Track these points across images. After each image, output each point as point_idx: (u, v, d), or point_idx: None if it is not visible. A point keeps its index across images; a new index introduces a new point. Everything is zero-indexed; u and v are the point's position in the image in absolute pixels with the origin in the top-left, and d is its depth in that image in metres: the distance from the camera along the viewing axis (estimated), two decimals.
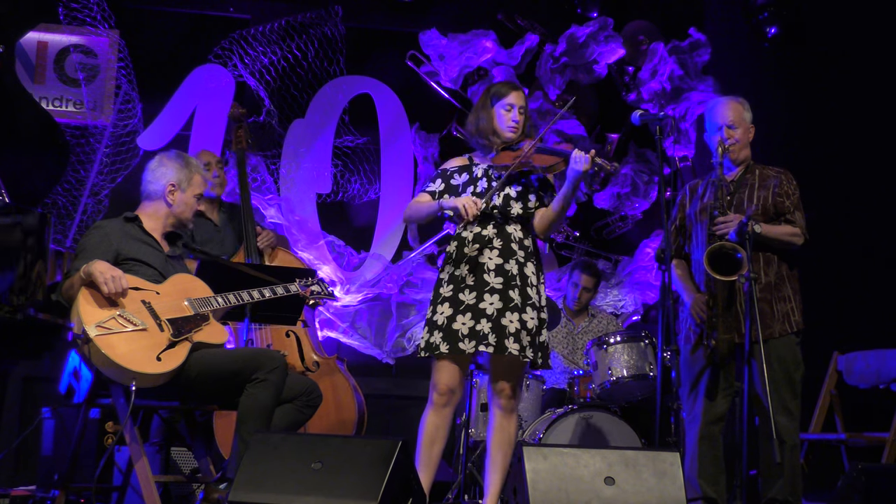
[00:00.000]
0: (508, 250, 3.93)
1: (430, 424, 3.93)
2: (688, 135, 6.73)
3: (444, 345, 3.86)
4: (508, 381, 3.93)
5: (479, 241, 3.94)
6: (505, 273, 3.90)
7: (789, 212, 4.30)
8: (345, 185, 6.53)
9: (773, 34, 6.68)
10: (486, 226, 3.96)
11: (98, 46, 6.32)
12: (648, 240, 6.71)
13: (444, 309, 3.90)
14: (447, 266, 3.99)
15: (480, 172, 4.03)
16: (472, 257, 3.92)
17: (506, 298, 3.87)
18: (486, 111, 4.03)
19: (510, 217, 3.97)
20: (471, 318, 3.86)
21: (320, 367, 5.06)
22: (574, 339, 5.95)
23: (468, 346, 3.84)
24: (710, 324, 4.21)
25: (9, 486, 5.04)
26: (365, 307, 6.38)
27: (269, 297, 4.06)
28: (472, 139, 4.10)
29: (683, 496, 3.48)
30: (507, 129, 4.01)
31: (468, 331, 3.85)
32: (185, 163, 4.08)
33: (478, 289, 3.89)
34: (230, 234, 5.29)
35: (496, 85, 4.13)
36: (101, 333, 3.58)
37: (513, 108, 4.01)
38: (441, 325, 3.88)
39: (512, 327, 3.84)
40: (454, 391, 3.92)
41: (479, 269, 3.90)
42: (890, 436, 5.28)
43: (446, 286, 3.94)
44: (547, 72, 6.71)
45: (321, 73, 6.49)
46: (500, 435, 3.95)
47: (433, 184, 4.08)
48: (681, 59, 6.72)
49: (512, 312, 3.86)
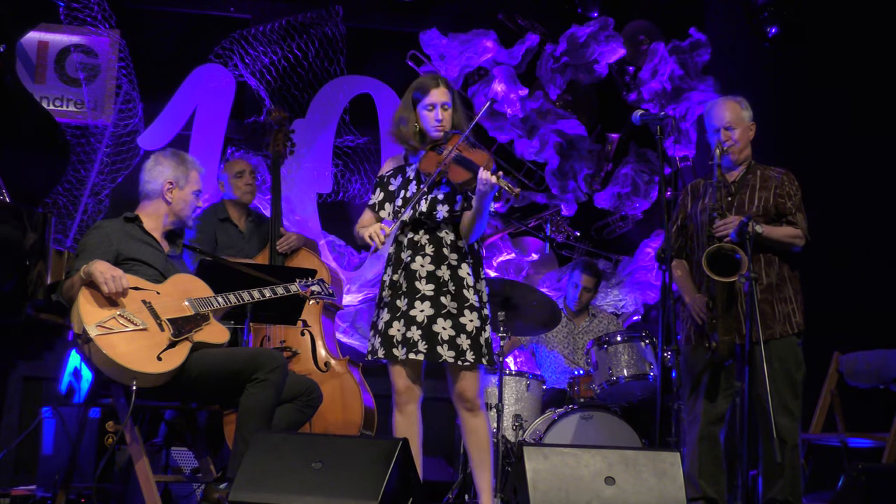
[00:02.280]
0: (440, 256, 3.89)
1: (399, 425, 3.94)
2: (688, 135, 6.73)
3: (381, 350, 3.88)
4: (466, 385, 3.90)
5: (412, 247, 3.92)
6: (436, 279, 3.87)
7: (791, 213, 4.29)
8: (345, 184, 6.53)
9: (773, 34, 6.68)
10: (417, 231, 3.93)
11: (99, 46, 6.32)
12: (649, 240, 6.71)
13: (384, 314, 3.91)
14: (388, 269, 3.98)
15: (413, 174, 4.00)
16: (406, 263, 3.91)
17: (437, 305, 3.84)
18: (408, 112, 3.95)
19: (440, 220, 3.92)
20: (403, 324, 3.86)
21: (330, 369, 5.06)
22: (575, 339, 5.95)
23: (400, 352, 3.84)
24: (710, 325, 4.21)
25: (9, 486, 5.04)
26: (366, 307, 6.38)
27: (269, 297, 4.06)
28: (396, 142, 4.03)
29: (684, 496, 3.48)
30: (431, 130, 3.93)
31: (401, 337, 3.85)
32: (180, 160, 4.09)
33: (409, 296, 3.87)
34: (255, 242, 5.32)
35: (416, 83, 4.00)
36: (101, 333, 3.59)
37: (434, 108, 3.91)
38: (380, 330, 3.91)
39: (445, 334, 3.82)
40: (413, 389, 3.93)
41: (411, 276, 3.89)
42: (890, 436, 5.27)
43: (386, 290, 3.95)
44: (548, 71, 6.71)
45: (322, 72, 6.49)
46: (473, 436, 3.95)
47: (373, 195, 4.06)
48: (681, 58, 6.72)
49: (445, 319, 3.83)
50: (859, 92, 6.26)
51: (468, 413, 3.94)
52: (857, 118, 6.24)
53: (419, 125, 3.95)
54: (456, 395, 3.94)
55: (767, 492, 4.20)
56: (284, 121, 5.56)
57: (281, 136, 5.50)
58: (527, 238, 6.73)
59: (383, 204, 4.02)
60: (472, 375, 3.90)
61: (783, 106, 6.38)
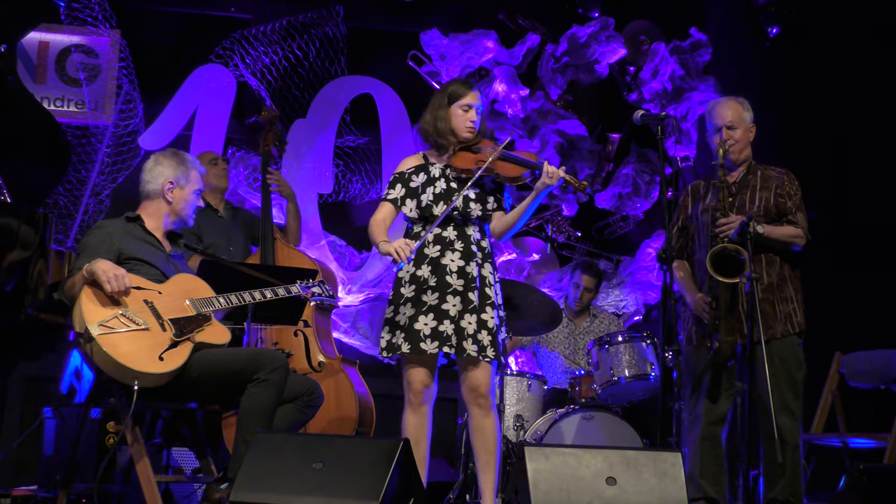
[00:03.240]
0: (469, 252, 3.95)
1: (410, 425, 3.94)
2: (689, 135, 6.73)
3: (405, 345, 3.87)
4: (481, 380, 3.92)
5: (440, 242, 3.96)
6: (466, 275, 3.92)
7: (791, 212, 4.30)
8: (346, 185, 6.53)
9: (774, 34, 6.68)
10: (446, 227, 3.97)
11: (99, 46, 6.33)
12: (650, 240, 6.71)
13: (406, 309, 3.92)
14: (406, 265, 3.98)
15: (437, 172, 4.03)
16: (434, 258, 3.94)
17: (465, 300, 3.90)
18: (444, 111, 4.02)
19: (470, 218, 3.98)
20: (433, 318, 3.88)
21: (325, 368, 5.06)
22: (576, 339, 5.95)
23: (430, 346, 3.86)
24: (713, 325, 4.21)
25: (10, 486, 5.04)
26: (366, 307, 6.38)
27: (270, 298, 4.06)
28: (428, 139, 4.08)
29: (685, 496, 3.48)
30: (464, 130, 4.00)
31: (430, 331, 3.87)
32: (181, 160, 4.09)
33: (440, 290, 3.90)
34: (240, 231, 5.32)
35: (453, 84, 4.10)
36: (103, 332, 3.59)
37: (470, 109, 4.00)
38: (403, 326, 3.90)
39: (470, 329, 3.87)
40: (429, 388, 3.94)
41: (441, 271, 3.92)
42: (892, 436, 5.27)
43: (408, 286, 3.95)
44: (548, 72, 6.71)
45: (322, 73, 6.49)
46: (482, 435, 3.95)
47: (393, 190, 4.07)
48: (682, 59, 6.72)
49: (471, 314, 3.88)
50: (860, 92, 6.25)
51: (479, 411, 3.94)
52: (858, 118, 6.24)
53: (451, 124, 4.00)
54: (469, 390, 3.95)
55: (768, 492, 4.19)
56: (274, 120, 5.56)
57: (271, 136, 5.50)
58: (528, 238, 6.73)
59: (405, 200, 4.03)
60: (488, 371, 3.93)
61: (783, 106, 6.37)
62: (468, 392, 3.96)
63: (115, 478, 4.46)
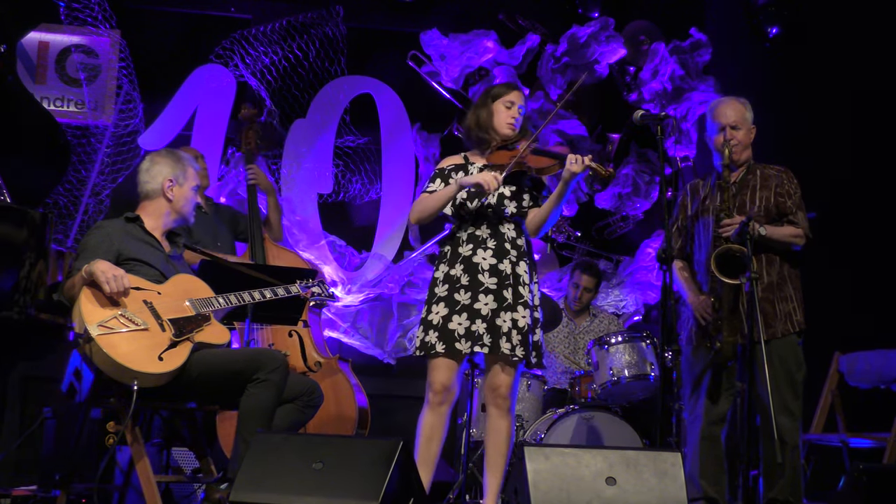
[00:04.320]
0: (502, 250, 3.95)
1: (427, 424, 3.93)
2: (689, 135, 6.73)
3: (440, 344, 3.87)
4: (503, 380, 3.92)
5: (472, 240, 3.96)
6: (499, 273, 3.92)
7: (791, 212, 4.30)
8: (346, 185, 6.54)
9: (774, 34, 6.68)
10: (479, 226, 3.98)
11: (99, 46, 6.33)
12: (650, 240, 6.71)
13: (440, 308, 3.91)
14: (442, 265, 4.00)
15: (476, 171, 4.04)
16: (467, 256, 3.94)
17: (500, 298, 3.89)
18: (487, 108, 4.07)
19: (504, 216, 3.99)
20: (466, 318, 3.87)
21: (322, 368, 5.06)
22: (575, 339, 5.95)
23: (464, 346, 3.85)
24: (715, 326, 4.21)
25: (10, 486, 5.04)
26: (366, 307, 6.38)
27: (269, 298, 4.06)
28: (471, 135, 4.11)
29: (685, 496, 3.48)
30: (506, 126, 4.04)
31: (464, 331, 3.86)
32: (177, 158, 4.10)
33: (472, 289, 3.90)
34: (224, 230, 5.31)
35: (498, 85, 4.19)
36: (102, 333, 3.58)
37: (513, 106, 4.05)
38: (437, 325, 3.90)
39: (505, 327, 3.87)
40: (450, 390, 3.93)
41: (473, 269, 3.92)
42: (891, 436, 5.27)
43: (441, 285, 3.96)
44: (548, 72, 6.71)
45: (322, 73, 6.50)
46: (496, 436, 3.95)
47: (433, 184, 4.09)
48: (682, 59, 6.72)
49: (505, 312, 3.88)
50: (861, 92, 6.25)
51: (497, 411, 3.94)
52: (858, 118, 6.24)
53: (493, 120, 4.04)
54: (490, 389, 3.95)
55: (768, 492, 4.19)
56: (253, 117, 5.55)
57: (251, 133, 5.49)
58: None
59: None
60: (512, 372, 3.92)
61: (784, 106, 6.38)
62: (489, 391, 3.96)
63: (115, 478, 4.46)
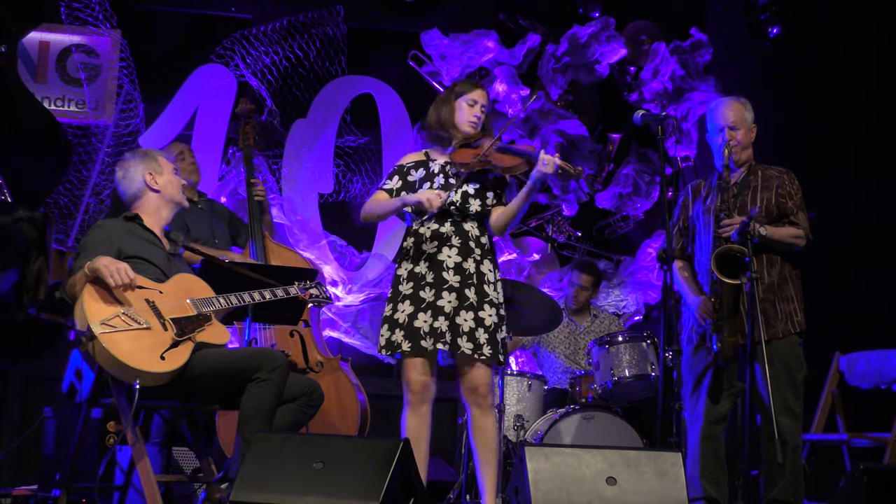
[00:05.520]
0: (467, 248, 3.94)
1: (411, 425, 3.93)
2: (689, 135, 6.73)
3: (405, 343, 3.87)
4: (480, 379, 3.92)
5: (437, 238, 3.95)
6: (462, 271, 3.91)
7: (793, 213, 4.30)
8: (347, 184, 6.53)
9: (774, 34, 6.68)
10: (443, 223, 3.97)
11: (100, 46, 6.32)
12: (650, 240, 6.71)
13: (405, 307, 3.91)
14: (405, 262, 3.99)
15: (437, 168, 4.04)
16: (431, 254, 3.93)
17: (462, 297, 3.89)
18: (450, 104, 4.05)
19: (468, 214, 3.98)
20: (430, 315, 3.87)
21: (324, 367, 5.06)
22: (576, 339, 5.95)
23: (428, 343, 3.85)
24: (716, 326, 4.21)
25: (10, 486, 5.04)
26: (367, 307, 6.38)
27: (269, 299, 4.06)
28: (431, 132, 4.11)
29: (685, 496, 3.48)
30: (467, 124, 4.03)
31: (428, 328, 3.86)
32: (143, 153, 4.14)
33: (437, 286, 3.90)
34: (222, 227, 5.31)
35: (461, 83, 4.15)
36: (105, 331, 3.59)
37: (475, 104, 4.03)
38: (402, 323, 3.89)
39: (466, 326, 3.86)
40: (428, 387, 3.93)
41: (437, 266, 3.92)
42: (892, 436, 5.28)
43: (405, 283, 3.95)
44: (549, 72, 6.71)
45: (323, 72, 6.49)
46: (482, 435, 3.95)
47: (390, 181, 4.08)
48: (682, 59, 6.72)
49: (466, 311, 3.88)
50: (861, 92, 6.26)
51: (478, 410, 3.94)
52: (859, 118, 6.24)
53: (454, 117, 4.03)
54: (467, 389, 3.95)
55: (769, 492, 4.19)
56: (250, 113, 5.53)
57: (249, 129, 5.47)
58: (528, 238, 6.73)
59: (399, 192, 4.04)
60: (486, 370, 3.92)
61: (784, 106, 6.38)
62: (467, 392, 3.95)
63: (116, 478, 4.46)
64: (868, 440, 5.47)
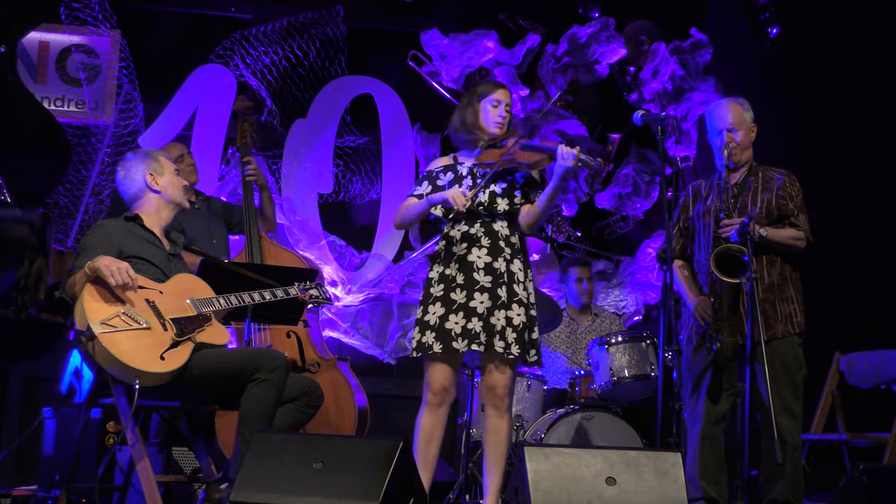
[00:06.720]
0: (496, 248, 3.95)
1: (425, 424, 3.93)
2: (689, 135, 6.73)
3: (437, 344, 3.87)
4: (500, 379, 3.93)
5: (466, 239, 3.96)
6: (493, 271, 3.91)
7: (793, 214, 4.29)
8: (346, 185, 6.54)
9: (774, 34, 6.68)
10: (473, 224, 3.97)
11: (100, 46, 6.33)
12: (650, 240, 6.71)
13: (436, 308, 3.91)
14: (436, 265, 4.00)
15: (465, 171, 4.05)
16: (462, 255, 3.94)
17: (494, 297, 3.89)
18: (473, 107, 4.06)
19: (497, 214, 3.99)
20: (462, 316, 3.87)
21: (321, 368, 5.06)
22: (577, 339, 5.95)
23: (461, 345, 3.85)
24: (715, 326, 4.21)
25: (10, 486, 5.04)
26: (366, 307, 6.38)
27: (269, 299, 4.06)
28: (457, 136, 4.12)
29: (685, 496, 3.48)
30: (492, 125, 4.04)
31: (461, 330, 3.86)
32: (144, 153, 4.15)
33: (468, 287, 3.90)
34: (219, 225, 5.30)
35: (484, 84, 4.16)
36: (105, 331, 3.59)
37: (499, 104, 4.04)
38: (433, 325, 3.89)
39: (498, 325, 3.87)
40: (448, 390, 3.93)
41: (468, 268, 3.92)
42: (891, 436, 5.28)
43: (437, 286, 3.95)
44: (549, 72, 6.71)
45: (322, 73, 6.49)
46: (494, 436, 3.95)
47: (420, 187, 4.09)
48: (682, 59, 6.72)
49: (499, 310, 3.88)
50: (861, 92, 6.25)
51: (495, 411, 3.95)
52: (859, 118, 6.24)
53: (479, 119, 4.04)
54: (487, 389, 3.95)
55: (768, 492, 4.19)
56: (248, 110, 5.51)
57: (246, 127, 5.45)
58: (528, 238, 6.73)
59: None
60: (509, 372, 3.93)
61: (784, 106, 6.38)
62: (486, 391, 3.96)
63: (115, 478, 4.46)
64: (868, 440, 5.48)
